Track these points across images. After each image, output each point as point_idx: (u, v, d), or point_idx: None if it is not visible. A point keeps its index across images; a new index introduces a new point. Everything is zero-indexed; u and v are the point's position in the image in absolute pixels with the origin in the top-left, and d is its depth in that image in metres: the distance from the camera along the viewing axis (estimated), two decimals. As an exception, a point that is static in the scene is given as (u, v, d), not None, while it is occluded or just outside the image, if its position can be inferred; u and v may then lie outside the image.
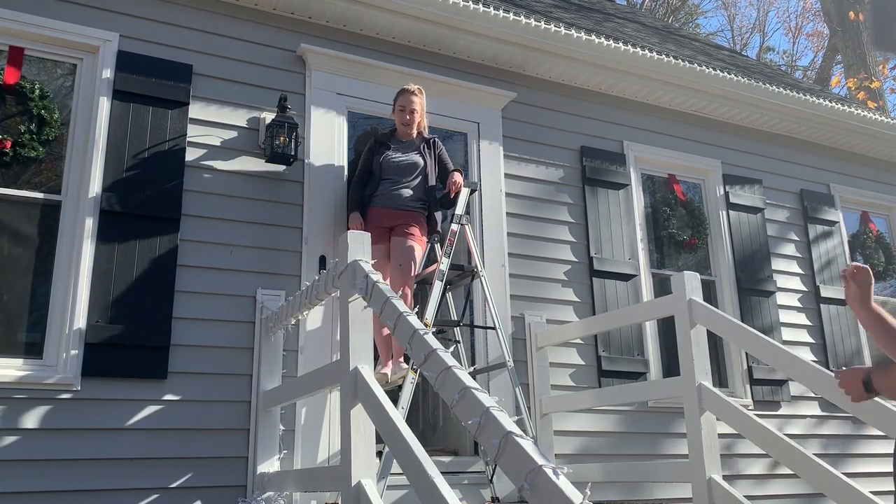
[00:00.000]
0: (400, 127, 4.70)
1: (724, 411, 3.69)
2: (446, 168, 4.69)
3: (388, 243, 4.49)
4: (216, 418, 4.10)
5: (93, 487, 3.75)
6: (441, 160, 4.71)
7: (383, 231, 4.50)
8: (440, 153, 4.72)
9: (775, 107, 6.53)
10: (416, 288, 4.55)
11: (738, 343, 3.85)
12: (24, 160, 4.09)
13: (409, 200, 4.55)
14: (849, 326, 6.54)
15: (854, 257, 6.98)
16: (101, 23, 4.40)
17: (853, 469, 5.89)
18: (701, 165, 6.34)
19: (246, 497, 4.01)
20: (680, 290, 3.98)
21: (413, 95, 4.64)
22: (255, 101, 4.70)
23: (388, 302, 2.85)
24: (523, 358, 5.01)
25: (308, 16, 5.00)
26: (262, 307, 4.31)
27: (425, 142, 4.72)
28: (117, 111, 4.30)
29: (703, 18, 27.67)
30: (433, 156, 4.69)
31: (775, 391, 5.91)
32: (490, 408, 2.15)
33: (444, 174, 4.68)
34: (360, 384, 2.88)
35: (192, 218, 4.34)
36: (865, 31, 15.50)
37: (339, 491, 2.96)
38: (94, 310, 3.96)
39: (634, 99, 6.20)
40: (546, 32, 5.47)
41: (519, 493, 2.00)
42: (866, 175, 7.27)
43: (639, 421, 5.32)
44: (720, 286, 6.12)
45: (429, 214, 4.62)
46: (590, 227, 5.60)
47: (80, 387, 3.84)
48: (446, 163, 4.72)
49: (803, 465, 3.38)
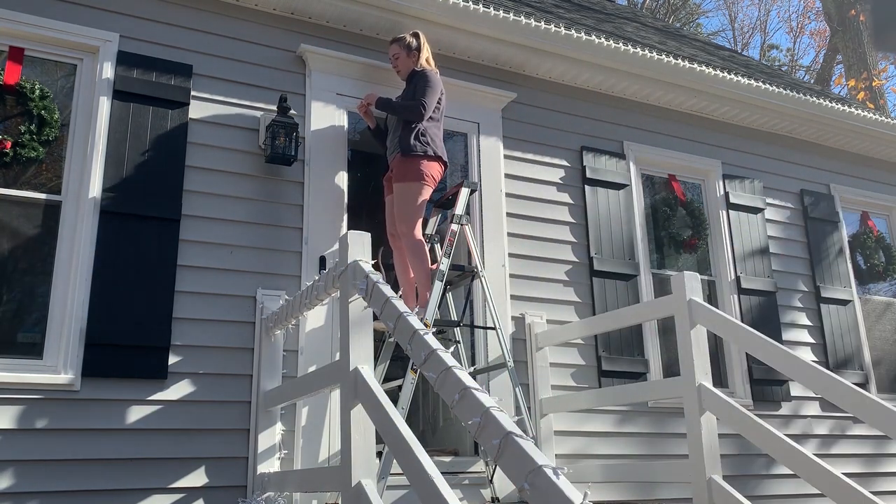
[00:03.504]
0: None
1: (724, 411, 3.69)
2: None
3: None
4: (216, 418, 4.10)
5: (93, 487, 3.75)
6: (415, 90, 4.56)
7: (390, 186, 4.65)
8: (416, 84, 4.58)
9: (775, 107, 6.53)
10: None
11: (738, 343, 3.85)
12: (25, 160, 4.09)
13: (395, 147, 4.55)
14: (849, 326, 6.54)
15: (854, 257, 6.99)
16: (101, 23, 4.40)
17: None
18: (701, 165, 6.34)
19: (246, 497, 4.01)
20: (680, 290, 3.98)
21: (390, 45, 4.78)
22: (255, 102, 4.70)
23: (388, 302, 2.85)
24: (523, 358, 5.01)
25: (308, 16, 5.00)
26: (262, 307, 4.31)
27: (409, 77, 4.69)
28: (117, 111, 4.30)
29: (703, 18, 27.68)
30: (410, 88, 4.62)
31: (775, 391, 5.91)
32: (490, 408, 2.15)
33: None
34: (360, 384, 2.88)
35: (192, 218, 4.34)
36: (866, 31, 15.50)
37: (339, 491, 2.96)
38: (94, 310, 3.96)
39: (634, 99, 6.20)
40: (546, 33, 5.47)
41: (519, 494, 2.00)
42: (866, 175, 7.27)
43: (639, 421, 5.32)
44: (720, 286, 6.12)
45: (413, 137, 4.43)
46: (590, 227, 5.60)
47: (80, 387, 3.84)
48: (415, 93, 4.53)
49: (803, 465, 3.38)
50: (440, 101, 4.61)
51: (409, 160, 4.40)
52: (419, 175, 4.38)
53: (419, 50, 4.69)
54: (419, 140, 4.43)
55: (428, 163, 4.41)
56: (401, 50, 4.70)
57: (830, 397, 3.35)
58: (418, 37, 4.73)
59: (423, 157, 4.41)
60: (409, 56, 4.69)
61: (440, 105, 4.62)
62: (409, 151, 4.40)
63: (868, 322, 6.77)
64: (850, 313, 6.60)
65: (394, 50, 4.74)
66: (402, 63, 4.71)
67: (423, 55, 4.69)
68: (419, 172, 4.38)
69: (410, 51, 4.69)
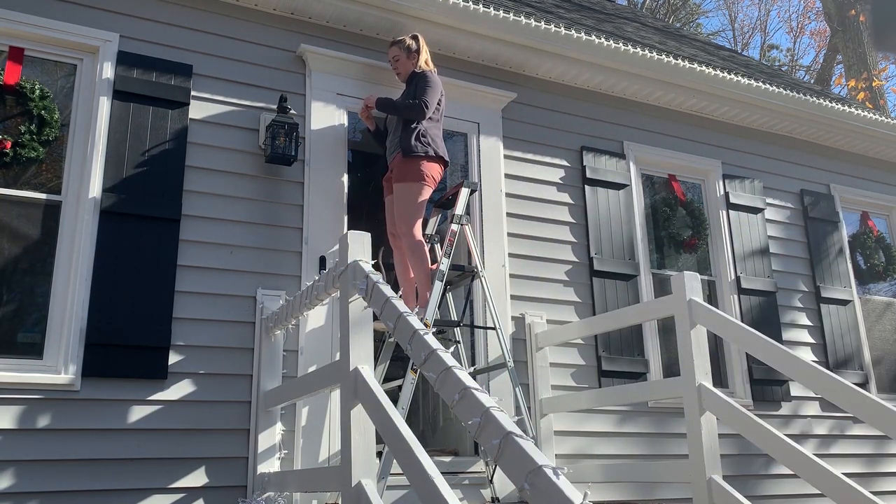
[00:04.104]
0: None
1: (724, 411, 3.69)
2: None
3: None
4: (216, 418, 4.10)
5: (93, 487, 3.76)
6: (416, 90, 4.58)
7: (390, 186, 4.66)
8: (416, 84, 4.60)
9: (775, 107, 6.53)
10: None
11: (738, 343, 3.85)
12: (25, 160, 4.09)
13: (395, 148, 4.56)
14: (849, 326, 6.54)
15: (854, 257, 6.99)
16: (101, 23, 4.40)
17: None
18: (701, 165, 6.34)
19: (246, 497, 4.01)
20: (680, 291, 3.98)
21: (389, 48, 4.79)
22: (255, 102, 4.70)
23: (388, 302, 2.85)
24: (523, 358, 5.01)
25: (308, 16, 5.00)
26: (262, 307, 4.31)
27: (409, 79, 4.70)
28: (117, 111, 4.30)
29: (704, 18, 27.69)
30: (411, 89, 4.62)
31: (775, 391, 5.91)
32: (490, 408, 2.15)
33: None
34: (360, 384, 2.88)
35: (192, 218, 4.34)
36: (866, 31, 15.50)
37: (339, 491, 2.96)
38: (94, 310, 3.96)
39: (634, 99, 6.20)
40: (546, 33, 5.47)
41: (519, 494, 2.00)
42: (866, 175, 7.27)
43: (639, 421, 5.32)
44: (720, 286, 6.12)
45: (414, 138, 4.44)
46: (590, 227, 5.60)
47: (80, 387, 3.84)
48: (416, 92, 4.56)
49: (803, 465, 3.38)
50: (440, 102, 4.61)
51: (409, 161, 4.41)
52: (419, 175, 4.38)
53: (419, 52, 4.70)
54: (420, 141, 4.44)
55: (428, 163, 4.42)
56: (400, 52, 4.71)
57: (830, 397, 3.34)
58: (417, 39, 4.74)
59: (424, 157, 4.41)
60: (408, 58, 4.70)
61: (440, 105, 4.62)
62: (410, 152, 4.40)
63: (868, 322, 6.77)
64: (850, 313, 6.60)
65: (393, 52, 4.74)
66: (402, 65, 4.72)
67: (423, 57, 4.70)
68: (420, 173, 4.38)
69: (410, 53, 4.70)
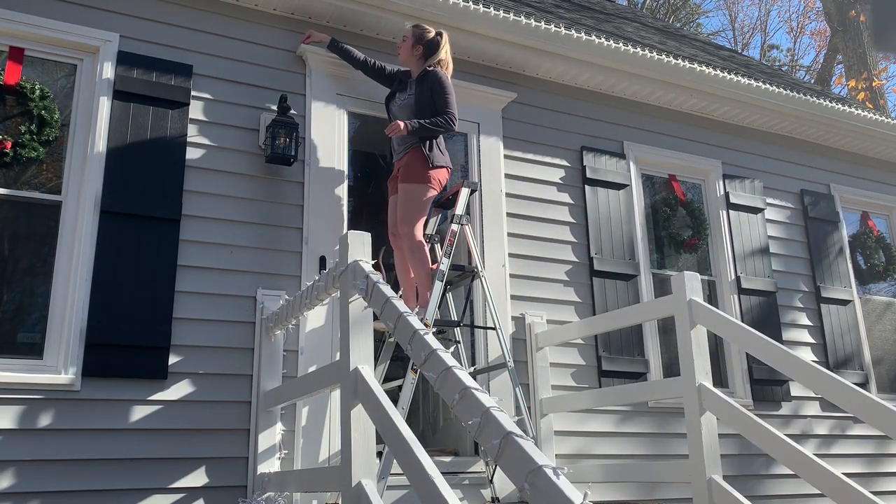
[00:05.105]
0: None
1: (725, 411, 3.69)
2: (434, 105, 4.49)
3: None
4: (216, 418, 4.10)
5: (93, 487, 3.75)
6: (432, 95, 4.51)
7: (395, 186, 4.61)
8: (431, 88, 4.52)
9: (775, 107, 6.53)
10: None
11: (738, 343, 3.85)
12: (25, 160, 4.08)
13: (403, 150, 4.54)
14: (849, 326, 6.54)
15: (854, 257, 6.99)
16: (101, 23, 4.40)
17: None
18: (701, 165, 6.34)
19: (246, 497, 4.01)
20: (680, 290, 3.98)
21: (399, 43, 4.73)
22: (255, 102, 4.70)
23: (389, 302, 2.85)
24: (523, 358, 5.01)
25: (308, 16, 5.00)
26: (262, 307, 4.31)
27: (419, 78, 4.59)
28: (117, 111, 4.30)
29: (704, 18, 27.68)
30: (424, 91, 4.54)
31: (775, 391, 5.91)
32: (490, 408, 2.15)
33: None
34: (360, 384, 2.88)
35: (192, 218, 4.34)
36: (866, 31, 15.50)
37: (339, 491, 2.96)
38: (95, 310, 3.96)
39: (634, 99, 6.20)
40: (546, 33, 5.47)
41: (519, 494, 2.00)
42: (866, 175, 7.27)
43: (639, 421, 5.32)
44: (720, 286, 6.12)
45: (428, 147, 4.44)
46: (590, 227, 5.60)
47: (80, 387, 3.84)
48: (434, 101, 4.49)
49: (803, 465, 3.38)
50: None
51: (416, 164, 4.42)
52: (426, 178, 4.40)
53: (424, 47, 4.57)
54: (437, 149, 4.48)
55: (436, 168, 4.44)
56: (410, 37, 4.63)
57: (830, 397, 3.34)
58: (429, 35, 4.59)
59: (432, 162, 4.43)
60: (412, 48, 4.61)
61: None
62: (418, 157, 4.43)
63: (868, 322, 6.77)
64: (850, 313, 6.60)
65: (406, 32, 4.67)
66: (405, 51, 4.65)
67: (434, 57, 4.57)
68: (427, 176, 4.40)
69: (416, 43, 4.60)
